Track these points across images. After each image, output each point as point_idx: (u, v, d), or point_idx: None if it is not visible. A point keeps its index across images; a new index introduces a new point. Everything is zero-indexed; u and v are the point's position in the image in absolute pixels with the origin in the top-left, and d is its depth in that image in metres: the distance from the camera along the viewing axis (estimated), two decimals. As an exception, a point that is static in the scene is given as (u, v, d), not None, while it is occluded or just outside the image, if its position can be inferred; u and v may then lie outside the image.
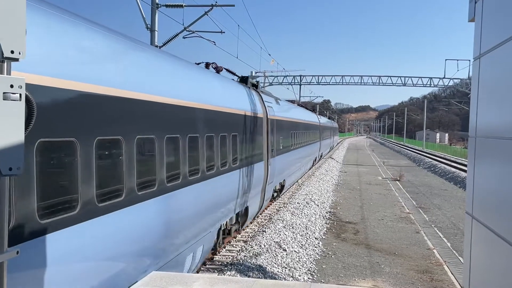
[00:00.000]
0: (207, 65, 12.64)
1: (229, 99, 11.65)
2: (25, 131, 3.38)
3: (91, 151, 5.36)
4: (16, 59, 3.25)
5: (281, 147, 18.53)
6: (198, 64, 11.72)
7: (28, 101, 4.01)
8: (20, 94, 3.25)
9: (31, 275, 4.43)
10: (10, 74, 3.27)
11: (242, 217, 13.46)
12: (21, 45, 3.24)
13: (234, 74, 15.21)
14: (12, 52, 3.18)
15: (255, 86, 16.36)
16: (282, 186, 20.60)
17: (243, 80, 15.44)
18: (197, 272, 10.24)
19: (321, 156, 42.94)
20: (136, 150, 6.44)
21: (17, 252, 3.47)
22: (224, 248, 12.67)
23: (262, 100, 15.76)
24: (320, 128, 38.53)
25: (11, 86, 3.19)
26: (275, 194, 19.67)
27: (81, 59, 5.45)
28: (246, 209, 13.58)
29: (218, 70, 12.91)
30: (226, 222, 11.76)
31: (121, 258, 6.15)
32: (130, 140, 6.31)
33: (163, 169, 7.26)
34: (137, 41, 7.47)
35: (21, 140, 3.27)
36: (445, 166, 42.50)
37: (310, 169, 33.92)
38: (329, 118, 70.25)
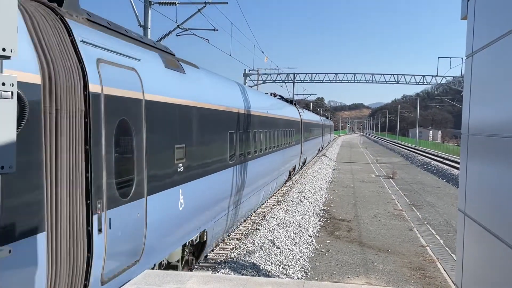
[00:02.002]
0: (271, 94, 23.99)
1: (289, 112, 23.93)
2: (17, 130, 3.35)
3: None
4: (8, 57, 3.22)
5: (305, 137, 31.47)
6: (266, 93, 23.47)
7: (20, 99, 3.98)
8: (12, 92, 3.22)
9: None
10: (1, 72, 3.24)
11: (293, 170, 26.62)
12: (13, 43, 3.21)
13: (282, 97, 26.75)
14: (3, 49, 3.15)
15: (295, 103, 31.93)
16: (305, 161, 33.69)
17: (290, 101, 29.51)
18: (191, 270, 10.23)
19: (322, 147, 55.21)
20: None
21: (10, 251, 3.45)
22: (218, 246, 12.68)
23: (298, 110, 29.27)
24: (322, 126, 51.08)
25: (3, 84, 3.16)
26: (302, 165, 32.04)
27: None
28: (294, 166, 26.76)
29: (274, 95, 24.29)
30: (290, 168, 24.93)
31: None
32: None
33: (279, 141, 18.79)
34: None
35: (13, 138, 3.24)
36: (438, 163, 42.69)
37: (316, 155, 46.28)
38: (326, 118, 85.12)
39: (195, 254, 9.76)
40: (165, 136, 7.23)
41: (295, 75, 57.78)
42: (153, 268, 7.09)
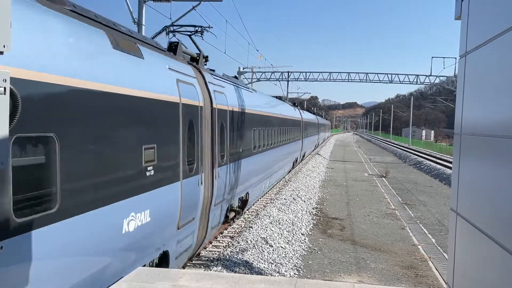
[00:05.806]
0: (307, 109, 57.02)
1: (313, 117, 52.45)
2: (9, 126, 3.32)
3: None
4: (1, 53, 3.20)
5: (319, 131, 55.30)
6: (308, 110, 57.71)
7: (12, 95, 3.95)
8: (5, 88, 3.20)
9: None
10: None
11: (315, 147, 54.06)
12: (6, 38, 3.18)
13: (308, 110, 50.91)
14: (-4, 45, 3.13)
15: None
16: (318, 144, 57.69)
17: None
18: (183, 267, 10.22)
19: (325, 139, 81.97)
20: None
21: (1, 247, 3.43)
22: (211, 243, 12.68)
23: (316, 116, 59.35)
24: (325, 126, 75.88)
25: (-5, 79, 3.14)
26: (316, 146, 54.22)
27: None
28: (317, 145, 55.77)
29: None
30: (314, 146, 51.84)
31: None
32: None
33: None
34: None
35: (6, 134, 3.22)
36: (431, 163, 42.88)
37: (322, 143, 69.25)
38: (326, 119, 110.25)
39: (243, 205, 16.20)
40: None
41: (289, 73, 57.83)
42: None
